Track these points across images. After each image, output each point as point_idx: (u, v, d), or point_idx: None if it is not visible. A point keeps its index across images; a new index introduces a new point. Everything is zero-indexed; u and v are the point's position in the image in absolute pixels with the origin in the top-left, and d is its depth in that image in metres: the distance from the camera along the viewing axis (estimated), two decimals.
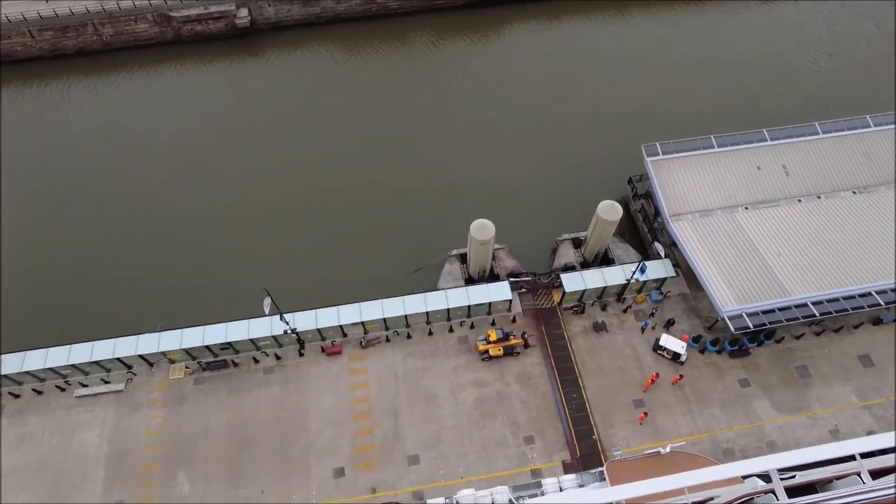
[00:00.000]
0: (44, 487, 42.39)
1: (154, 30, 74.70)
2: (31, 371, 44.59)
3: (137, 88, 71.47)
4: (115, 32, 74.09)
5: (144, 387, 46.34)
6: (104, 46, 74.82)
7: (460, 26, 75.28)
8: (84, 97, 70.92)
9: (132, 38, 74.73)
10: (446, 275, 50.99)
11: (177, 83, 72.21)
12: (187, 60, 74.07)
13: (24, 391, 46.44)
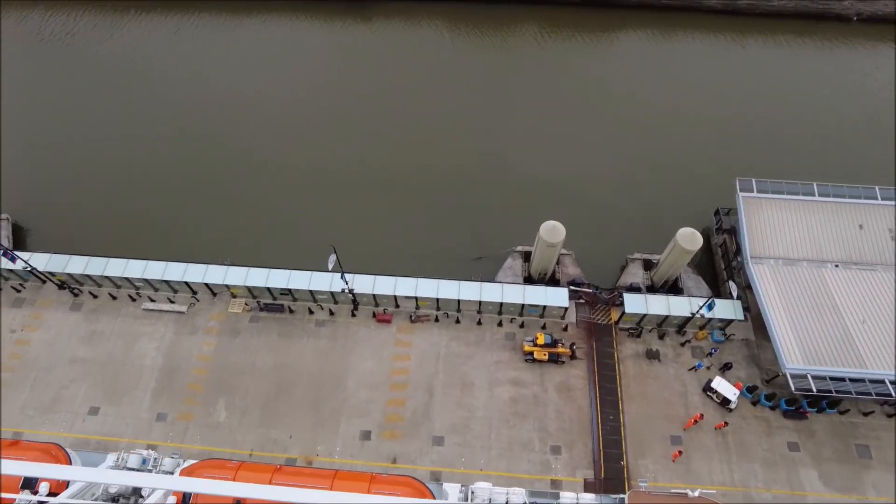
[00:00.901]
0: (102, 383, 45.91)
1: None
2: (111, 276, 48.05)
3: (249, 35, 74.45)
4: None
5: (204, 314, 49.06)
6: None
7: (571, 23, 73.67)
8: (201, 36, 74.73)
9: None
10: (507, 269, 50.80)
11: (289, 35, 74.64)
12: (302, 14, 76.32)
13: (102, 293, 50.24)
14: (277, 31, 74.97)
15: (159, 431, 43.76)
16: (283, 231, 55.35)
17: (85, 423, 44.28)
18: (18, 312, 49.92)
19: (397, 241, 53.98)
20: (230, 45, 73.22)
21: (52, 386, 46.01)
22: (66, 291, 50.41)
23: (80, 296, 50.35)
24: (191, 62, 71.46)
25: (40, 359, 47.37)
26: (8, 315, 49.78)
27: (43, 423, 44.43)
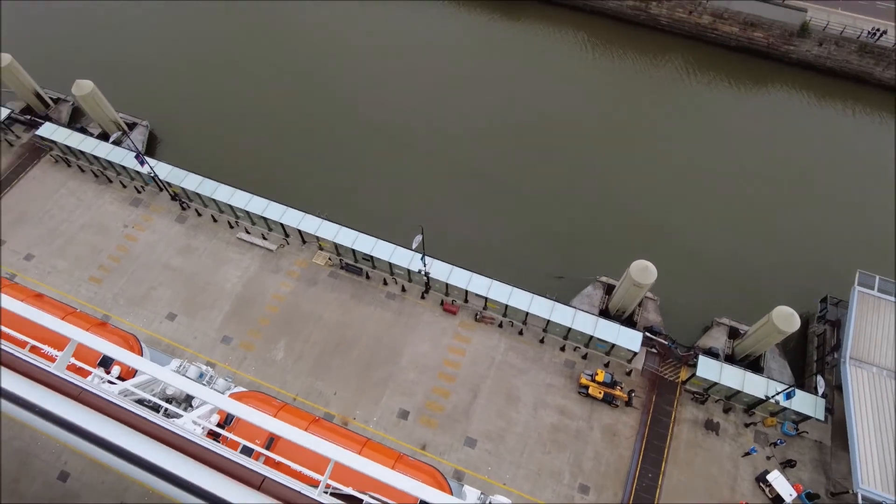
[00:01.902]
0: (184, 294, 49.55)
1: None
2: (218, 200, 51.52)
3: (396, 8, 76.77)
4: None
5: (290, 257, 51.57)
6: None
7: (721, 65, 70.08)
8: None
9: None
10: (585, 296, 49.59)
11: (435, 15, 76.24)
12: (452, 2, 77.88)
13: (206, 213, 54.05)
14: (425, 9, 76.75)
15: (221, 352, 46.67)
16: (383, 200, 56.98)
17: (161, 325, 48.04)
18: (134, 211, 54.78)
19: (484, 238, 54.14)
20: (377, 14, 75.86)
21: (143, 284, 50.24)
22: (177, 203, 54.67)
23: (187, 210, 54.46)
24: (337, 27, 74.72)
25: (141, 257, 51.80)
26: (124, 211, 54.76)
27: (128, 313, 48.65)
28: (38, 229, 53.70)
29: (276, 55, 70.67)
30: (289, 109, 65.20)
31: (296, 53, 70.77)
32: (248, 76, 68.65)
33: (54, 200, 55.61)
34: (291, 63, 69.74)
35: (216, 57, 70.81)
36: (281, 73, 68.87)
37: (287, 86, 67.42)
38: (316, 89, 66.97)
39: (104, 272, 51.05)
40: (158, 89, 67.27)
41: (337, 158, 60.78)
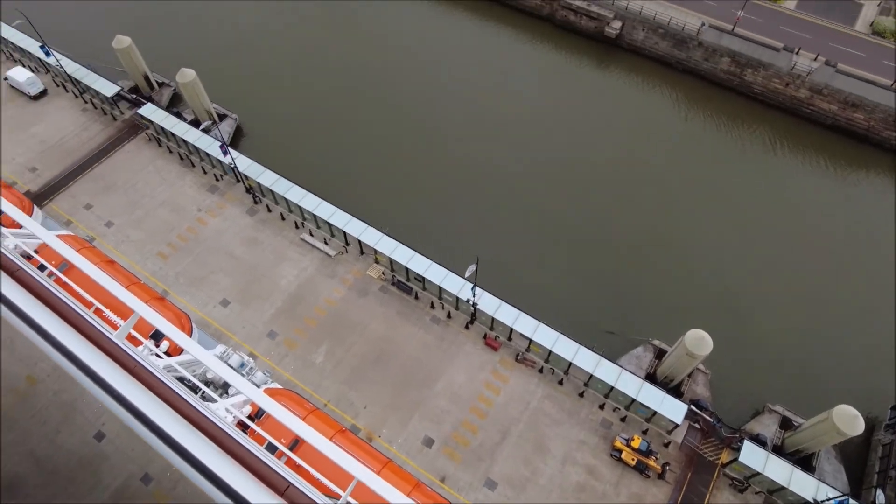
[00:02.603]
0: (241, 283, 51.27)
1: (536, 1, 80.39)
2: (289, 199, 53.36)
3: (488, 39, 78.32)
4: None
5: (346, 265, 52.59)
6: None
7: (812, 142, 67.30)
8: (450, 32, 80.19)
9: (517, 2, 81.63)
10: (633, 356, 47.91)
11: (530, 55, 77.31)
12: (545, 38, 78.59)
13: (276, 210, 56.08)
14: (519, 46, 77.96)
15: (264, 345, 47.79)
16: (445, 225, 57.54)
17: (213, 309, 49.78)
18: (209, 197, 57.51)
19: (538, 278, 53.50)
20: (470, 41, 77.60)
21: (205, 267, 52.39)
22: (251, 197, 57.00)
23: (258, 204, 56.66)
24: (433, 49, 76.94)
25: (207, 241, 54.14)
26: (200, 195, 57.56)
27: (186, 293, 50.74)
28: (122, 199, 57.18)
29: (369, 72, 73.32)
30: (370, 125, 67.23)
31: (386, 75, 73.19)
32: (339, 87, 71.46)
33: (141, 175, 59.17)
34: (381, 82, 72.16)
35: (311, 64, 74.20)
36: (370, 90, 71.32)
37: (372, 103, 69.68)
38: (400, 111, 68.85)
39: (172, 249, 53.61)
40: (252, 87, 70.99)
41: (407, 179, 61.97)
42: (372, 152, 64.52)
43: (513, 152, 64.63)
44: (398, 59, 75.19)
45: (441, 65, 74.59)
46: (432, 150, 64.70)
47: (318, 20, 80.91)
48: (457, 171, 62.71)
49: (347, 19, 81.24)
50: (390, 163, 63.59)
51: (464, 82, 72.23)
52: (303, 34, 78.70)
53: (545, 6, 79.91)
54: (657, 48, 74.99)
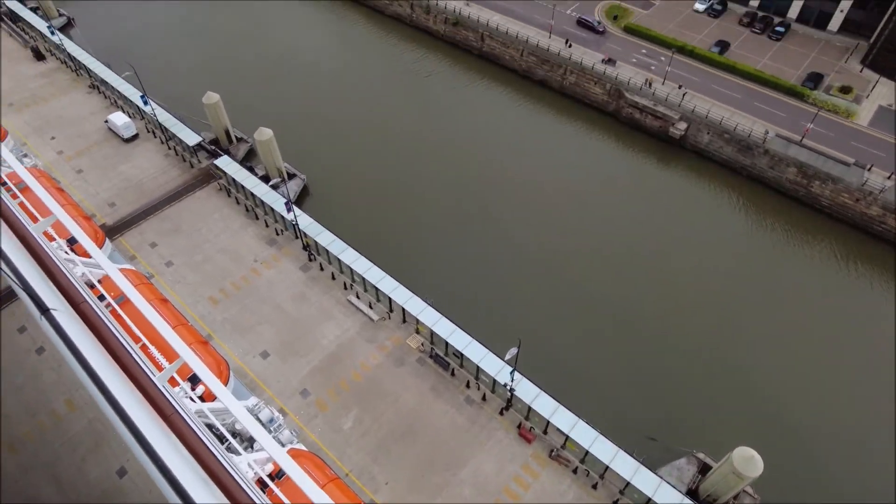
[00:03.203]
0: (283, 337, 51.81)
1: (603, 97, 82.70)
2: (342, 260, 54.47)
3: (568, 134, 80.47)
4: (575, 82, 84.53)
5: (387, 331, 52.50)
6: (561, 88, 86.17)
7: (884, 261, 64.15)
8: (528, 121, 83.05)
9: (585, 93, 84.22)
10: (674, 468, 44.71)
11: (592, 147, 78.82)
12: (609, 132, 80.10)
13: (328, 270, 57.30)
14: (579, 135, 79.68)
15: (295, 403, 47.44)
16: (491, 302, 57.23)
17: (252, 360, 50.22)
18: (267, 249, 59.49)
19: (583, 369, 51.69)
20: (534, 128, 79.89)
21: (252, 317, 53.43)
22: (306, 254, 58.62)
23: (312, 262, 58.12)
24: (499, 133, 79.62)
25: (258, 291, 55.51)
26: (259, 246, 59.65)
27: (229, 339, 51.60)
28: (186, 242, 59.90)
29: (437, 147, 76.19)
30: (429, 197, 69.05)
31: (452, 151, 75.83)
32: (405, 158, 74.38)
33: (207, 221, 62.12)
34: (446, 158, 74.70)
35: (381, 134, 77.88)
36: (435, 164, 73.82)
37: (435, 177, 71.89)
38: (460, 187, 70.62)
39: (223, 295, 55.14)
40: (323, 150, 74.82)
41: (459, 253, 62.59)
42: (428, 224, 65.87)
43: (568, 238, 64.53)
44: (465, 137, 77.95)
45: (505, 148, 76.75)
46: (487, 229, 65.43)
47: (396, 96, 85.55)
48: (510, 251, 62.92)
49: (423, 97, 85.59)
50: (444, 235, 64.59)
51: (525, 167, 73.79)
52: (379, 106, 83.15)
53: (611, 102, 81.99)
54: (721, 152, 74.94)
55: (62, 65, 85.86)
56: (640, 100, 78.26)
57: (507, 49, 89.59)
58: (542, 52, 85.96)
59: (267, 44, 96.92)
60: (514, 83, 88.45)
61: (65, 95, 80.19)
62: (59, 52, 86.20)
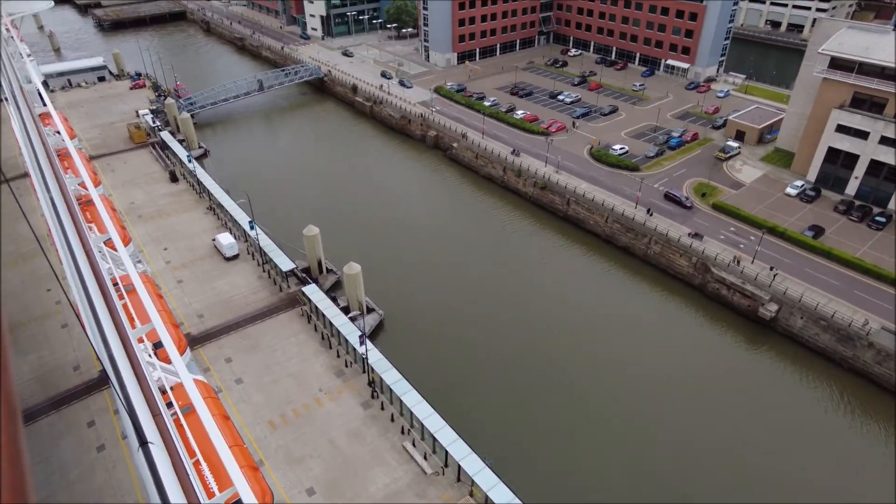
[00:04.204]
0: (332, 475, 49.65)
1: (689, 269, 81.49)
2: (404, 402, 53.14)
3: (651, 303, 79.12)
4: (660, 252, 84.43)
5: (438, 488, 49.02)
6: (644, 256, 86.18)
7: None
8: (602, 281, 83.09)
9: (669, 263, 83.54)
10: None
11: (676, 319, 76.41)
12: (694, 305, 77.57)
13: (388, 409, 55.95)
14: (662, 305, 77.63)
15: None
16: (558, 472, 52.80)
17: (298, 495, 48.04)
18: (333, 380, 59.47)
19: None
20: (614, 294, 78.97)
21: (305, 448, 52.06)
22: (370, 390, 57.87)
23: (375, 399, 57.10)
24: (580, 295, 79.43)
25: (316, 422, 54.58)
26: (326, 376, 59.78)
27: (279, 469, 50.03)
28: (259, 362, 61.28)
29: (514, 301, 76.67)
30: (505, 354, 67.95)
31: (536, 313, 75.91)
32: (487, 313, 74.91)
33: (283, 344, 63.81)
34: (523, 310, 74.64)
35: (468, 287, 79.60)
36: (511, 315, 73.76)
37: (511, 330, 71.37)
38: (538, 349, 69.40)
39: (282, 421, 54.64)
40: (405, 289, 77.08)
41: (527, 412, 59.75)
42: (497, 377, 64.18)
43: (648, 414, 60.19)
44: (544, 294, 78.14)
45: (583, 310, 75.87)
46: (559, 396, 62.62)
47: (481, 247, 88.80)
48: (584, 420, 59.28)
49: (506, 251, 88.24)
50: (512, 392, 62.36)
51: (603, 331, 72.00)
52: (463, 255, 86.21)
53: (697, 276, 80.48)
54: (818, 340, 69.89)
55: (190, 187, 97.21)
56: (727, 276, 76.34)
57: (591, 214, 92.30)
58: (627, 220, 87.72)
59: (368, 186, 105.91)
60: (596, 247, 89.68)
61: (185, 213, 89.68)
62: (190, 177, 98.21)
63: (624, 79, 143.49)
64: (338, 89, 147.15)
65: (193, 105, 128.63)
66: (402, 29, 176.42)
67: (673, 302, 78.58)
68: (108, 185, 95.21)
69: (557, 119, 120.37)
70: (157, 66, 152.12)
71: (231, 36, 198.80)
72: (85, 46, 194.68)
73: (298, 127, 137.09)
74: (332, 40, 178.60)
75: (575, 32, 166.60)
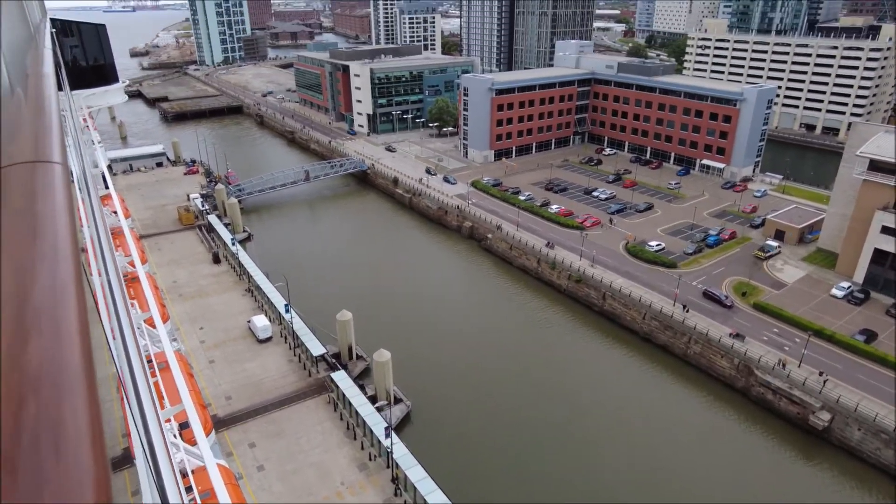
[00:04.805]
0: None
1: (731, 371, 77.81)
2: (428, 501, 50.51)
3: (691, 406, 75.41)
4: (700, 352, 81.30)
5: None
6: (684, 355, 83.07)
7: None
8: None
9: (710, 364, 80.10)
10: None
11: (722, 425, 72.24)
12: (737, 409, 73.31)
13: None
14: (703, 409, 73.63)
15: None
16: None
17: None
18: (356, 474, 57.28)
19: None
20: (645, 389, 75.53)
21: None
22: (393, 486, 55.39)
23: (398, 497, 54.46)
24: (615, 390, 76.41)
25: None
26: (349, 469, 57.70)
27: None
28: (282, 449, 59.76)
29: (546, 396, 74.13)
30: (532, 449, 64.83)
31: (561, 402, 73.16)
32: (513, 401, 72.50)
33: (308, 432, 62.38)
34: (555, 408, 71.84)
35: (494, 375, 77.76)
36: (541, 412, 70.97)
37: (542, 429, 68.41)
38: (567, 445, 66.19)
39: None
40: (434, 379, 75.51)
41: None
42: (531, 486, 60.66)
43: None
44: (578, 393, 75.32)
45: (622, 410, 72.53)
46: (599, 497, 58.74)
47: (513, 340, 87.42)
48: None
49: (540, 345, 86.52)
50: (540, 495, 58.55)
51: (641, 435, 68.22)
52: (495, 347, 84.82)
53: (740, 378, 76.68)
54: (880, 455, 64.42)
55: (231, 269, 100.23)
56: (773, 380, 72.47)
57: (628, 310, 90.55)
58: (665, 317, 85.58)
59: (403, 274, 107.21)
60: (634, 344, 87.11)
61: (224, 294, 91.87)
62: (232, 259, 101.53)
63: (659, 177, 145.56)
64: (379, 181, 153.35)
65: (242, 191, 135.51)
66: (443, 127, 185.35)
67: (715, 406, 74.49)
68: (153, 264, 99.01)
69: (592, 214, 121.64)
70: (211, 154, 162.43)
71: (283, 129, 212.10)
72: (149, 135, 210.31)
73: (340, 215, 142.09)
74: (376, 136, 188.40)
75: (609, 133, 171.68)
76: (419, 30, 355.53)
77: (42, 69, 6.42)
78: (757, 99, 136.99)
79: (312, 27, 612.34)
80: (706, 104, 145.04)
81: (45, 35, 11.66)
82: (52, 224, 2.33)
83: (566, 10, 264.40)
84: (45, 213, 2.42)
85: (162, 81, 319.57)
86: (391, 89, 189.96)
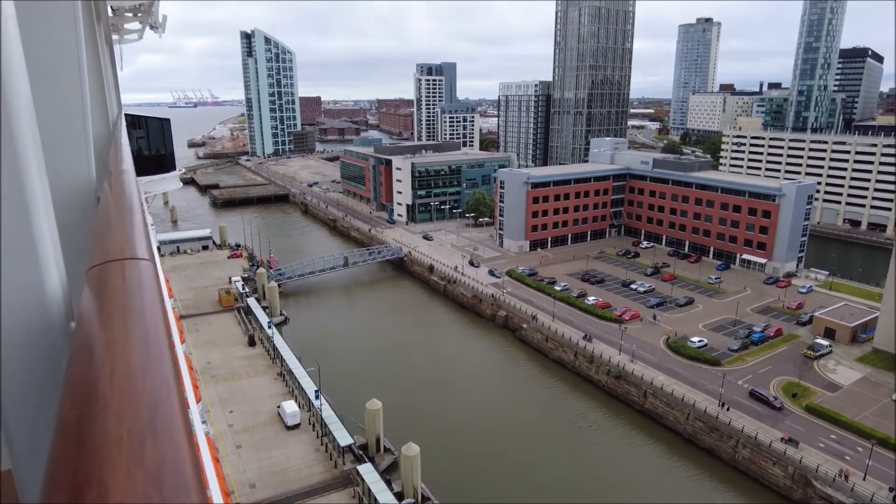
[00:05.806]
0: None
1: (785, 481, 71.80)
2: None
3: None
4: (749, 457, 75.62)
5: None
6: (732, 460, 77.39)
7: None
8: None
9: (761, 472, 74.19)
10: None
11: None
12: None
13: None
14: None
15: None
16: None
17: None
18: None
19: None
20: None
21: None
22: None
23: None
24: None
25: None
26: None
27: None
28: None
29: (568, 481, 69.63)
30: None
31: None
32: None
33: None
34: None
35: (529, 475, 73.71)
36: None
37: None
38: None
39: None
40: (463, 476, 71.89)
41: None
42: None
43: None
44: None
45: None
46: None
47: (549, 439, 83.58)
48: None
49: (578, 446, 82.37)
50: None
51: None
52: (529, 445, 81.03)
53: (796, 489, 70.47)
54: None
55: (266, 352, 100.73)
56: (835, 494, 66.36)
57: (670, 409, 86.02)
58: (710, 418, 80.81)
59: (435, 362, 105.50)
60: (677, 446, 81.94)
61: (256, 377, 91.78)
62: (267, 342, 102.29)
63: (698, 271, 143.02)
64: (415, 268, 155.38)
65: (282, 275, 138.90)
66: (479, 218, 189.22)
67: None
68: (190, 344, 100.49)
69: (630, 307, 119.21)
70: (255, 239, 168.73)
71: (325, 217, 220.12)
72: (198, 219, 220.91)
73: (376, 301, 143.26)
74: (414, 225, 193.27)
75: (646, 226, 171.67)
76: (459, 127, 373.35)
77: (123, 165, 6.95)
78: (797, 194, 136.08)
79: (359, 124, 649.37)
80: (745, 199, 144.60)
81: (123, 130, 12.68)
82: (153, 320, 2.44)
83: (601, 109, 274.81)
84: (145, 308, 2.54)
85: (215, 170, 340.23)
86: (430, 181, 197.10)
